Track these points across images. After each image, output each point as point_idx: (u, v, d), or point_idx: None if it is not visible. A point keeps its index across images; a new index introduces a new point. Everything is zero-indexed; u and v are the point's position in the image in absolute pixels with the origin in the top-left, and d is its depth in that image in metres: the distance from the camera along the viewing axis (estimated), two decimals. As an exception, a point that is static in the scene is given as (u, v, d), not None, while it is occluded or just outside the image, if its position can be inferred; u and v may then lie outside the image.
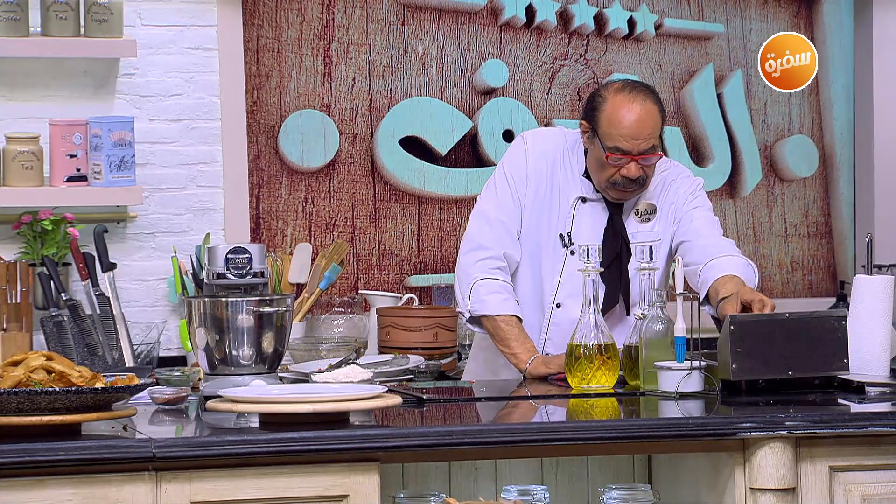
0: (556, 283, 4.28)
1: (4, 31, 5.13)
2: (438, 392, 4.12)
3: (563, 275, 4.27)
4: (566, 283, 4.26)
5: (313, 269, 5.43)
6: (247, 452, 3.31)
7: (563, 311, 4.28)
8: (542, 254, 4.28)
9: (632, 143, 4.15)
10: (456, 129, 5.73)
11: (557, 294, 4.29)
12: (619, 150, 4.16)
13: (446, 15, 5.72)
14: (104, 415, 3.38)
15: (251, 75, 5.52)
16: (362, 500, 3.34)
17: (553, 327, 4.30)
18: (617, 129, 4.15)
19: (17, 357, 3.45)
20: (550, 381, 4.19)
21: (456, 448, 3.43)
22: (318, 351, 5.18)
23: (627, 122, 4.15)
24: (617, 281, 4.25)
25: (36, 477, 3.21)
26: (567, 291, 4.26)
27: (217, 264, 3.94)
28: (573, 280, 4.19)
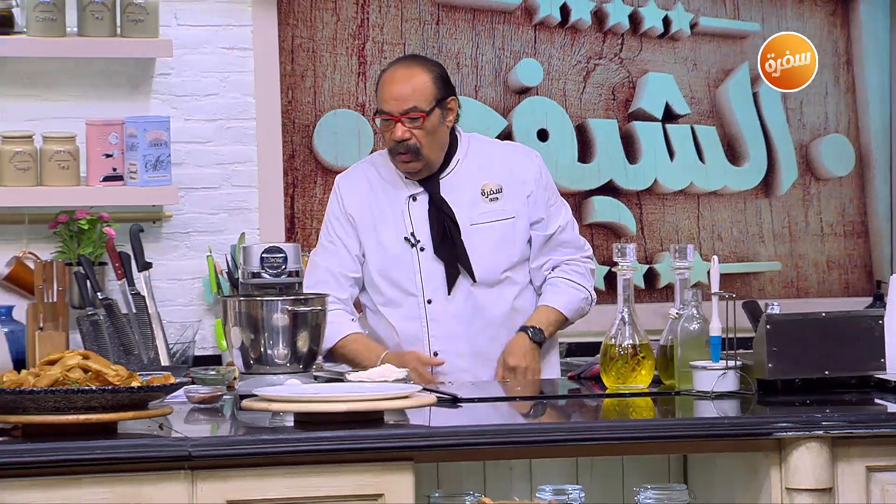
0: (419, 283, 4.37)
1: (41, 31, 5.15)
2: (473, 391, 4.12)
3: (422, 272, 4.37)
4: (428, 279, 4.37)
5: (348, 269, 5.43)
6: (282, 451, 3.31)
7: (435, 305, 4.38)
8: (399, 263, 4.38)
9: (392, 104, 4.30)
10: (490, 129, 5.72)
11: (424, 292, 4.37)
12: (384, 112, 4.31)
13: (481, 14, 5.72)
14: (140, 414, 3.38)
15: (286, 75, 5.52)
16: (397, 499, 3.34)
17: (432, 323, 4.38)
18: (381, 93, 4.33)
19: (54, 356, 3.47)
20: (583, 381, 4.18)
21: (490, 447, 3.42)
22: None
23: (388, 84, 4.32)
24: (452, 255, 4.35)
25: (72, 475, 3.22)
26: (432, 286, 4.37)
27: (252, 264, 3.95)
28: (433, 274, 4.35)
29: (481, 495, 3.55)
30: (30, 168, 5.15)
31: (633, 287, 3.98)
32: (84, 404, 3.31)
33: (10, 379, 3.40)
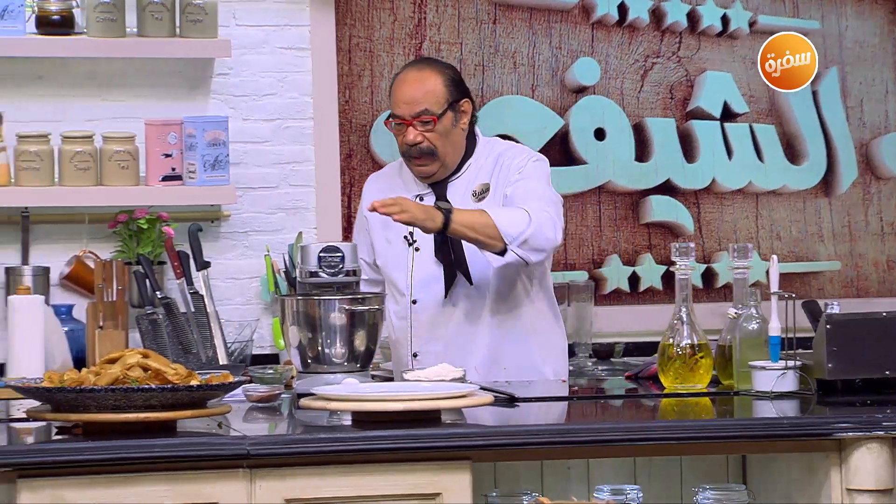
0: (409, 282, 4.38)
1: (101, 31, 5.18)
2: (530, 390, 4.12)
3: (413, 273, 4.38)
4: (417, 279, 4.37)
5: (405, 268, 5.44)
6: (339, 450, 3.32)
7: (419, 305, 4.39)
8: (397, 261, 4.40)
9: (403, 107, 4.31)
10: (547, 128, 5.71)
11: (412, 291, 4.38)
12: (396, 115, 4.32)
13: (538, 13, 5.71)
14: (199, 412, 3.40)
15: (343, 75, 5.54)
16: (454, 498, 3.34)
17: (415, 323, 4.39)
18: (393, 97, 4.35)
19: (114, 355, 3.49)
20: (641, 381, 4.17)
21: (548, 447, 3.42)
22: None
23: (401, 88, 4.33)
24: (450, 257, 4.33)
25: (131, 473, 3.24)
26: (420, 287, 4.37)
27: (310, 263, 3.96)
28: (422, 276, 4.35)
29: (539, 495, 3.54)
30: (90, 168, 5.19)
31: (691, 287, 3.96)
32: (144, 403, 3.33)
33: (71, 377, 3.42)
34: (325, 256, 3.96)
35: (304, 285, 3.99)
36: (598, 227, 5.76)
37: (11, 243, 5.25)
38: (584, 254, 5.75)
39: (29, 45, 5.15)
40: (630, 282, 5.78)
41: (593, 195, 5.76)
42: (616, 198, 5.78)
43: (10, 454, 3.23)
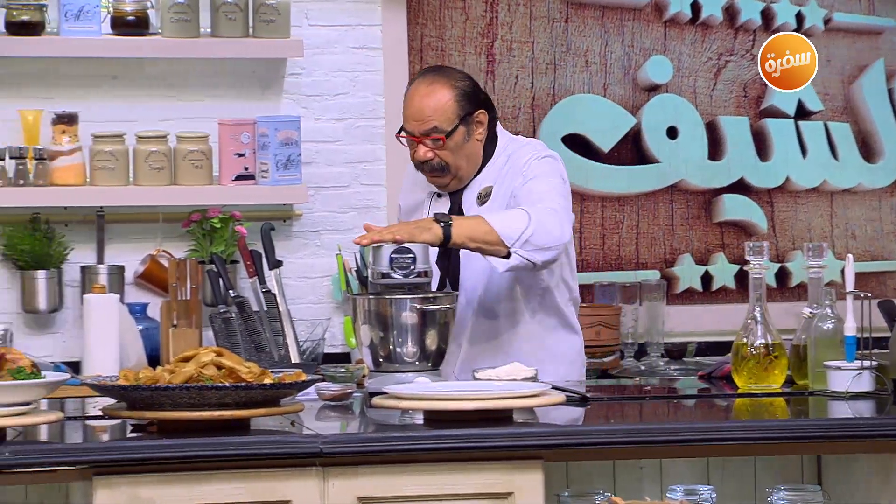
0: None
1: (175, 31, 5.22)
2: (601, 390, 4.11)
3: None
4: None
5: (476, 267, 5.43)
6: (412, 449, 3.32)
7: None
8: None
9: (412, 124, 4.20)
10: (618, 127, 5.70)
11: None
12: (406, 130, 4.22)
13: (610, 11, 5.69)
14: (272, 410, 3.41)
15: (414, 74, 5.54)
16: (526, 498, 3.33)
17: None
18: (404, 111, 4.23)
19: (189, 353, 3.51)
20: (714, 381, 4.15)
21: (620, 447, 3.40)
22: (481, 348, 5.18)
23: (409, 103, 4.21)
24: (445, 265, 4.21)
25: (206, 471, 3.26)
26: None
27: (382, 264, 3.96)
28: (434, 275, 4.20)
29: (611, 495, 3.53)
30: (164, 167, 5.23)
31: (765, 286, 3.94)
32: (218, 401, 3.35)
33: (147, 375, 3.45)
34: (396, 258, 3.96)
35: (376, 285, 3.99)
36: (670, 226, 5.74)
37: (87, 242, 5.30)
38: (656, 253, 5.73)
39: (104, 45, 5.19)
40: (702, 281, 5.75)
41: (665, 194, 5.74)
42: (688, 196, 5.75)
43: (86, 452, 3.26)
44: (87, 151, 5.21)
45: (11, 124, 5.22)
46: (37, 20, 5.13)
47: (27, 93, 5.26)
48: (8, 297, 5.25)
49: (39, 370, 3.40)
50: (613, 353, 5.25)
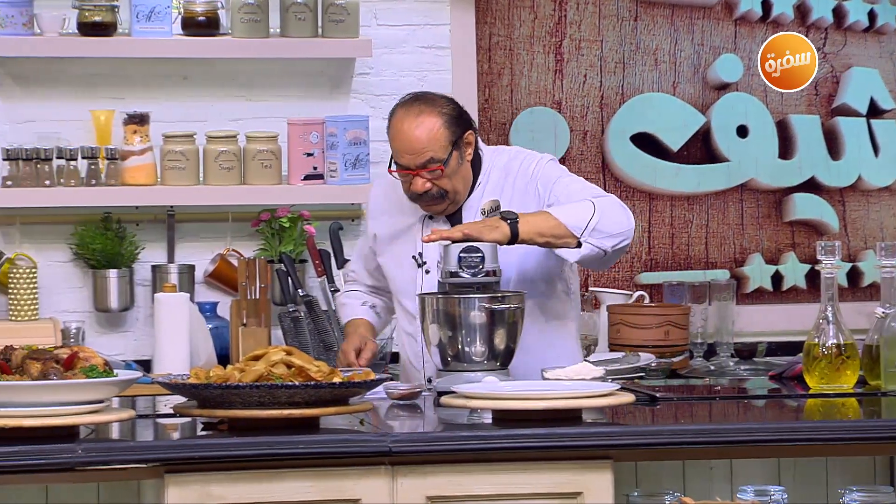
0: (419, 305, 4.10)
1: (245, 32, 5.25)
2: (671, 390, 4.09)
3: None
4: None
5: (544, 267, 5.43)
6: (481, 448, 3.32)
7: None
8: (406, 282, 4.20)
9: (407, 157, 4.09)
10: (688, 125, 5.67)
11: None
12: (400, 164, 4.11)
13: (680, 10, 5.67)
14: (342, 409, 3.43)
15: (483, 73, 5.54)
16: (596, 498, 3.33)
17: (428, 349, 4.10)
18: (395, 145, 4.12)
19: (258, 352, 3.53)
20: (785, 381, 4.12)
21: (691, 447, 3.39)
22: (550, 348, 5.17)
23: (400, 137, 4.10)
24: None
25: (276, 469, 3.28)
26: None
27: (450, 263, 3.96)
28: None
29: (681, 495, 3.52)
30: (234, 167, 5.26)
31: (837, 286, 3.91)
32: (287, 399, 3.37)
33: (217, 374, 3.47)
34: (465, 257, 3.96)
35: (444, 284, 3.99)
36: (740, 225, 5.70)
37: (158, 242, 5.34)
38: (726, 252, 5.70)
39: (175, 45, 5.23)
40: (773, 280, 5.72)
41: (735, 193, 5.70)
42: (759, 196, 5.72)
43: (157, 449, 3.28)
44: (157, 151, 5.24)
45: (84, 125, 5.26)
46: (109, 21, 5.17)
47: (99, 93, 5.31)
48: (80, 296, 5.30)
49: (111, 369, 3.43)
50: (682, 353, 5.23)
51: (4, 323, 5.16)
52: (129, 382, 3.44)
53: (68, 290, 5.30)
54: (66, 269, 5.30)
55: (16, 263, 5.19)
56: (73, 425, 3.31)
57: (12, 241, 5.26)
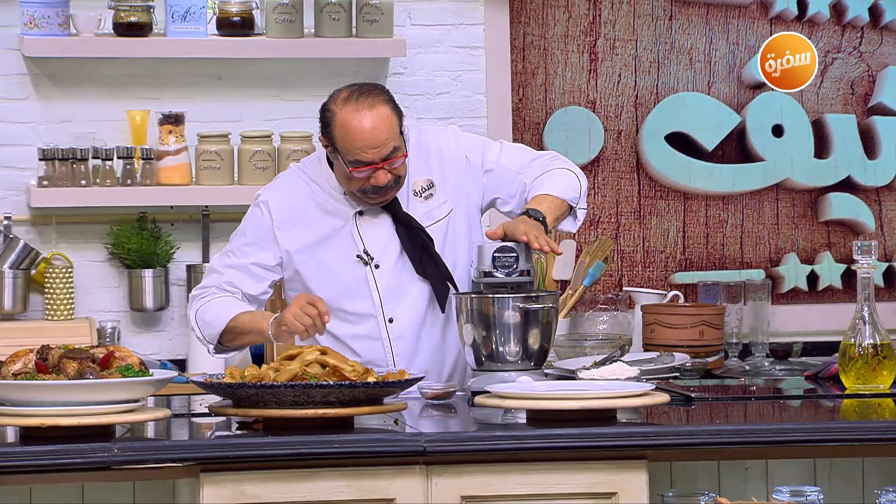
0: (377, 301, 4.07)
1: (280, 32, 5.26)
2: (706, 390, 4.08)
3: (379, 291, 4.07)
4: (387, 297, 4.07)
5: (577, 267, 5.42)
6: (516, 448, 3.32)
7: (397, 323, 4.08)
8: (351, 283, 4.07)
9: (372, 153, 3.93)
10: (723, 125, 5.65)
11: (384, 310, 4.07)
12: (361, 162, 3.94)
13: (715, 9, 5.65)
14: (376, 409, 3.43)
15: (517, 73, 5.54)
16: (630, 498, 3.32)
17: (396, 342, 4.08)
18: (353, 143, 3.93)
19: (293, 351, 3.54)
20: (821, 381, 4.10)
21: (726, 447, 3.38)
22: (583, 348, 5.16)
23: (360, 133, 3.92)
24: (436, 271, 4.06)
25: (311, 469, 3.28)
26: (392, 304, 4.07)
27: (484, 263, 3.96)
28: (393, 293, 4.06)
29: (716, 495, 3.51)
30: (268, 167, 5.27)
31: (873, 285, 3.89)
32: (322, 399, 3.37)
33: (252, 374, 3.48)
34: (499, 256, 3.96)
35: (478, 284, 3.99)
36: (775, 224, 5.69)
37: (193, 241, 5.35)
38: (761, 252, 5.68)
39: (210, 46, 5.24)
40: (808, 280, 5.69)
41: (770, 192, 5.69)
42: (794, 195, 5.70)
43: (192, 449, 3.29)
44: (192, 151, 5.26)
45: (119, 125, 5.28)
46: (144, 21, 5.19)
47: (134, 93, 5.33)
48: (115, 295, 5.32)
49: (147, 368, 3.44)
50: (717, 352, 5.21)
51: (41, 322, 5.18)
52: (164, 382, 3.45)
53: (104, 290, 5.32)
54: (101, 268, 5.32)
55: (52, 263, 5.22)
56: (108, 424, 3.32)
57: (48, 240, 5.28)
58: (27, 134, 5.27)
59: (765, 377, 4.83)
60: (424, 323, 4.11)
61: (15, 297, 5.17)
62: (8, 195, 5.26)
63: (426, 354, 4.12)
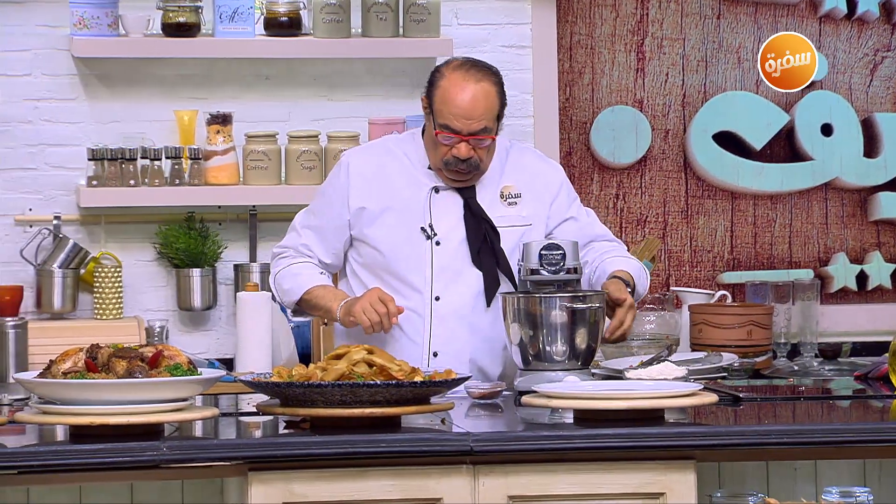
0: (428, 277, 4.09)
1: (327, 32, 5.27)
2: (754, 390, 4.06)
3: (433, 267, 4.10)
4: (439, 274, 4.09)
5: (625, 266, 5.41)
6: (563, 448, 3.32)
7: (442, 303, 4.09)
8: (410, 254, 4.10)
9: (462, 122, 4.00)
10: (771, 124, 5.63)
11: (433, 287, 4.09)
12: (450, 128, 4.01)
13: (763, 8, 5.62)
14: (423, 408, 3.43)
15: (564, 72, 5.53)
16: (678, 498, 3.31)
17: (436, 321, 4.10)
18: (448, 108, 4.01)
19: (340, 351, 3.54)
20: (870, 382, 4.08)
21: (775, 448, 3.37)
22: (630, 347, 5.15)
23: (459, 100, 4.00)
24: (492, 263, 4.09)
25: (359, 468, 3.29)
26: (443, 283, 4.09)
27: (531, 261, 3.96)
28: (446, 272, 4.08)
29: (765, 496, 3.49)
30: (315, 167, 5.28)
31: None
32: (369, 398, 3.38)
33: (299, 373, 3.49)
34: (546, 254, 3.96)
35: (525, 283, 3.99)
36: (824, 224, 5.65)
37: (240, 241, 5.37)
38: (810, 252, 5.65)
39: (258, 46, 5.26)
40: (857, 280, 5.66)
41: (819, 192, 5.66)
42: (843, 194, 5.66)
43: (240, 448, 3.31)
44: (240, 151, 5.28)
45: (167, 125, 5.31)
46: (192, 21, 5.21)
47: (183, 93, 5.35)
48: (163, 294, 5.34)
49: (195, 367, 3.46)
50: (765, 353, 5.19)
51: (90, 321, 5.21)
52: (212, 381, 3.46)
53: (152, 289, 5.35)
54: (149, 268, 5.34)
55: (101, 263, 5.25)
56: (157, 423, 3.34)
57: (97, 240, 5.31)
58: (76, 134, 5.30)
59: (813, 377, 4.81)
60: (470, 311, 4.10)
61: (64, 297, 5.20)
62: (57, 195, 5.29)
63: (463, 344, 4.10)
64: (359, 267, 4.18)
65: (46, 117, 5.29)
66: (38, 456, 3.22)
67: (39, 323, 5.15)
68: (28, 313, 5.20)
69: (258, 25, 5.27)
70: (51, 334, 5.05)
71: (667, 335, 5.28)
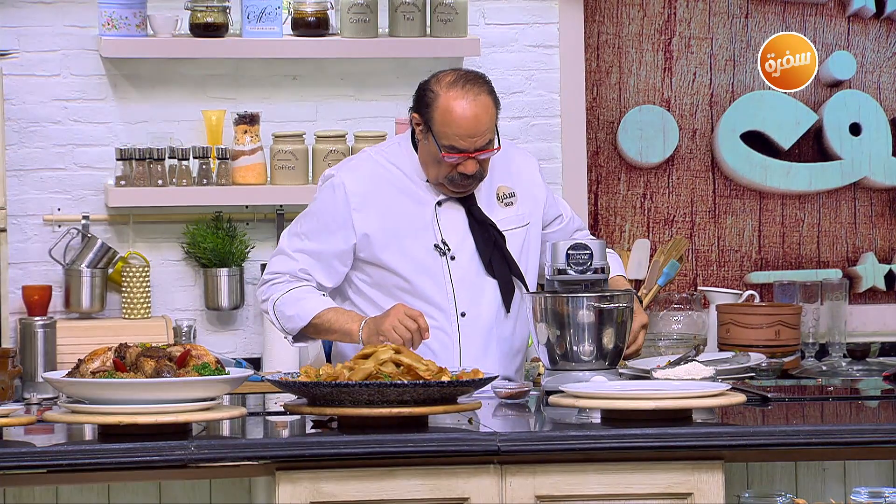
0: (451, 293, 4.05)
1: (354, 32, 5.28)
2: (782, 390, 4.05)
3: (454, 283, 4.06)
4: (461, 290, 4.05)
5: (651, 266, 5.40)
6: (591, 448, 3.31)
7: (468, 319, 4.06)
8: (428, 273, 4.05)
9: (468, 141, 3.94)
10: (800, 123, 5.61)
11: (457, 304, 4.06)
12: (456, 149, 3.95)
13: (792, 7, 5.61)
14: (451, 408, 3.43)
15: (591, 72, 5.53)
16: (707, 498, 3.30)
17: (464, 339, 4.07)
18: (452, 129, 3.94)
19: (368, 350, 3.55)
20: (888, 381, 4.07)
21: (804, 448, 3.36)
22: (657, 347, 5.15)
23: (462, 121, 3.93)
24: (504, 269, 4.06)
25: (386, 468, 3.29)
26: (466, 299, 4.06)
27: (558, 261, 3.96)
28: (466, 287, 4.05)
29: (793, 496, 3.48)
30: (342, 166, 5.28)
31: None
32: (397, 398, 3.38)
33: (327, 372, 3.49)
34: (573, 254, 3.95)
35: (552, 282, 3.99)
36: (852, 224, 5.64)
37: (267, 240, 5.38)
38: (838, 251, 5.63)
39: (285, 46, 5.27)
40: (886, 280, 5.64)
41: (848, 191, 5.64)
42: (872, 194, 5.64)
43: (268, 447, 3.31)
44: (267, 151, 5.29)
45: (195, 124, 5.32)
46: (220, 22, 5.22)
47: (210, 93, 5.36)
48: (191, 294, 5.36)
49: (223, 366, 3.47)
50: (793, 353, 5.18)
51: (118, 321, 5.23)
52: (240, 380, 3.47)
53: (180, 289, 5.36)
54: (177, 267, 5.36)
55: (129, 262, 5.26)
56: (185, 422, 3.34)
57: (126, 239, 5.33)
58: (105, 134, 5.32)
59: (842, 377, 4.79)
60: (493, 322, 4.11)
61: (93, 296, 5.22)
62: (86, 195, 5.31)
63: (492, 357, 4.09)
64: (368, 287, 4.09)
65: (75, 117, 5.31)
66: (67, 455, 3.23)
67: (68, 322, 5.17)
68: (56, 313, 5.22)
69: (286, 25, 5.28)
70: (79, 334, 5.07)
71: (694, 335, 5.27)
